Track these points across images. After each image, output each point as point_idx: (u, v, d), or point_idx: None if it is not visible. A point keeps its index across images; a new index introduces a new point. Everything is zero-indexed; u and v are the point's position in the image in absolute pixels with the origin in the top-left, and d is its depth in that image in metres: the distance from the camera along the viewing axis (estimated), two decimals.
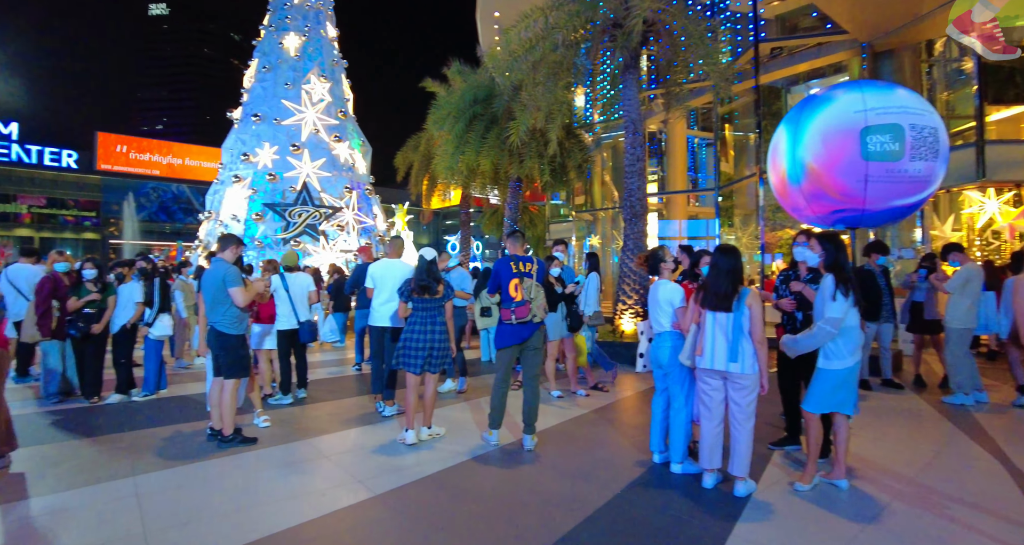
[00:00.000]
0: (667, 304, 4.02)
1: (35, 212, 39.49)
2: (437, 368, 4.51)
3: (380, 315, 5.46)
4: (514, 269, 4.43)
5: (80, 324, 5.87)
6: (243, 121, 15.43)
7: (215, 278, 4.52)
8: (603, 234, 22.98)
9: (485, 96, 12.48)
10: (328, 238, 14.72)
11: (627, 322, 9.26)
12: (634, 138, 9.33)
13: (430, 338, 4.46)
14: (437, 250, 5.16)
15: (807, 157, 8.12)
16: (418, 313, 4.52)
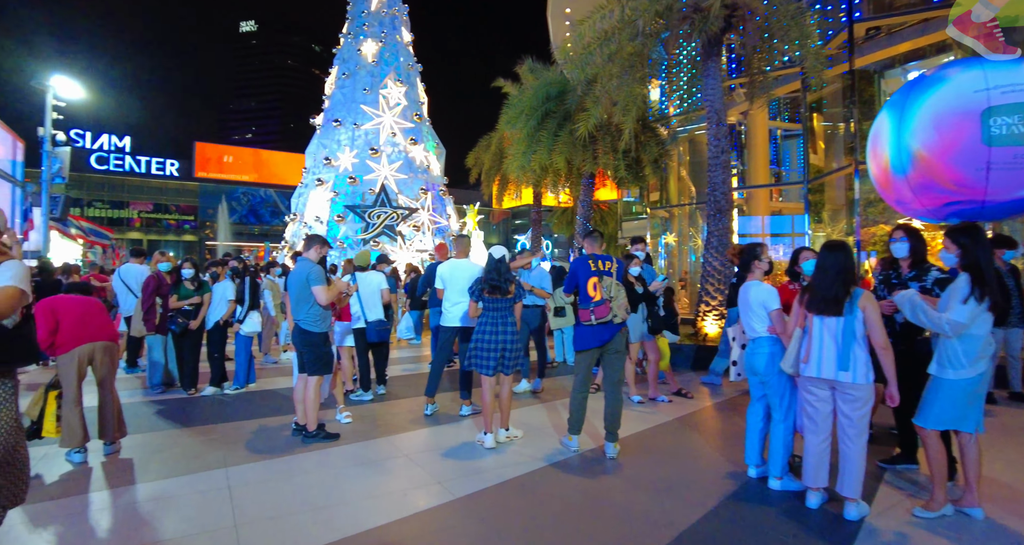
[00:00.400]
0: (760, 307, 3.70)
1: (144, 216, 43.34)
2: (510, 369, 4.40)
3: (449, 315, 5.45)
4: (592, 267, 4.25)
5: (179, 320, 6.25)
6: (324, 126, 16.10)
7: (299, 277, 4.64)
8: (680, 231, 22.18)
9: (558, 93, 12.32)
10: (405, 238, 15.07)
11: (710, 324, 8.79)
12: (717, 129, 8.85)
13: (501, 339, 4.35)
14: (509, 249, 5.07)
15: (915, 144, 7.39)
16: (489, 313, 4.44)
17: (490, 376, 4.37)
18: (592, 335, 4.18)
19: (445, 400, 6.05)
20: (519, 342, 4.43)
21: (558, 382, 7.13)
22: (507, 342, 4.36)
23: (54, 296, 4.24)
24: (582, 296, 4.23)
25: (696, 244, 20.06)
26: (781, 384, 3.63)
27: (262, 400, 6.13)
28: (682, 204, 21.15)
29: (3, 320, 2.26)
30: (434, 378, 5.51)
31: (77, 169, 39.21)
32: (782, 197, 21.02)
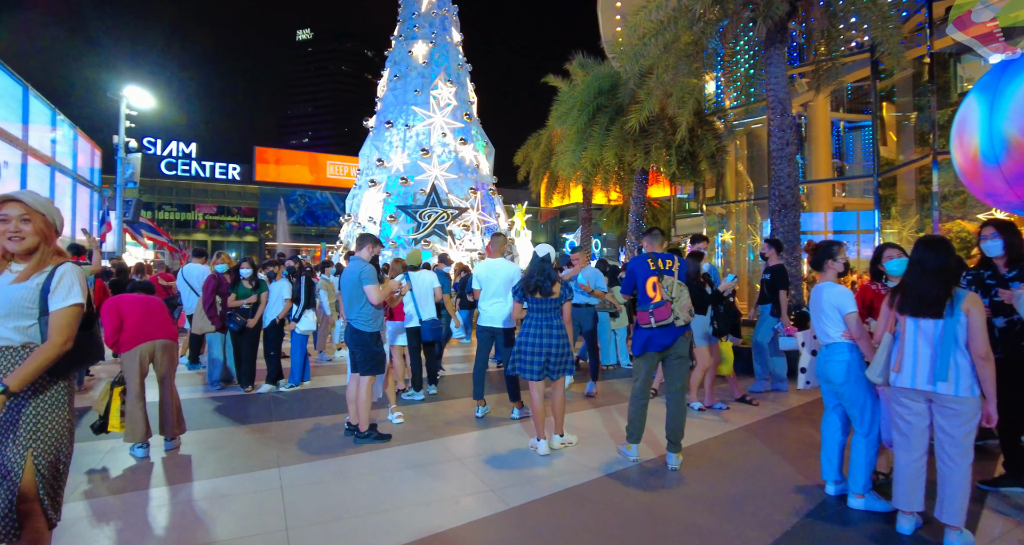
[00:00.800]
0: (834, 310, 3.37)
1: (208, 219, 45.54)
2: (558, 374, 4.21)
3: (485, 316, 5.34)
4: (652, 266, 4.00)
5: (237, 318, 6.38)
6: (377, 128, 16.34)
7: (352, 276, 4.61)
8: (737, 229, 21.36)
9: (610, 87, 12.02)
10: (455, 238, 15.11)
11: None
12: (781, 120, 8.36)
13: (546, 342, 4.15)
14: (557, 248, 4.87)
15: (1012, 130, 6.74)
16: (533, 315, 4.26)
17: (536, 381, 4.20)
18: (652, 339, 3.93)
19: (494, 401, 5.93)
20: (567, 345, 4.22)
21: (612, 386, 6.88)
22: (553, 345, 4.15)
23: (119, 295, 4.36)
24: (641, 297, 3.99)
25: (755, 242, 19.24)
26: (860, 394, 3.30)
27: (316, 398, 6.18)
28: (740, 200, 20.35)
29: (71, 346, 2.23)
30: (478, 381, 5.40)
31: (148, 175, 41.63)
32: (845, 192, 19.87)
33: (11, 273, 2.22)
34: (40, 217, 2.22)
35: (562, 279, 4.31)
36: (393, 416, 5.17)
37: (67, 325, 2.20)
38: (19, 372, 2.06)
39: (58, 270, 2.25)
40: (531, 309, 4.26)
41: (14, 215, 2.17)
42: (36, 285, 2.20)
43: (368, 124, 16.74)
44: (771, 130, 8.51)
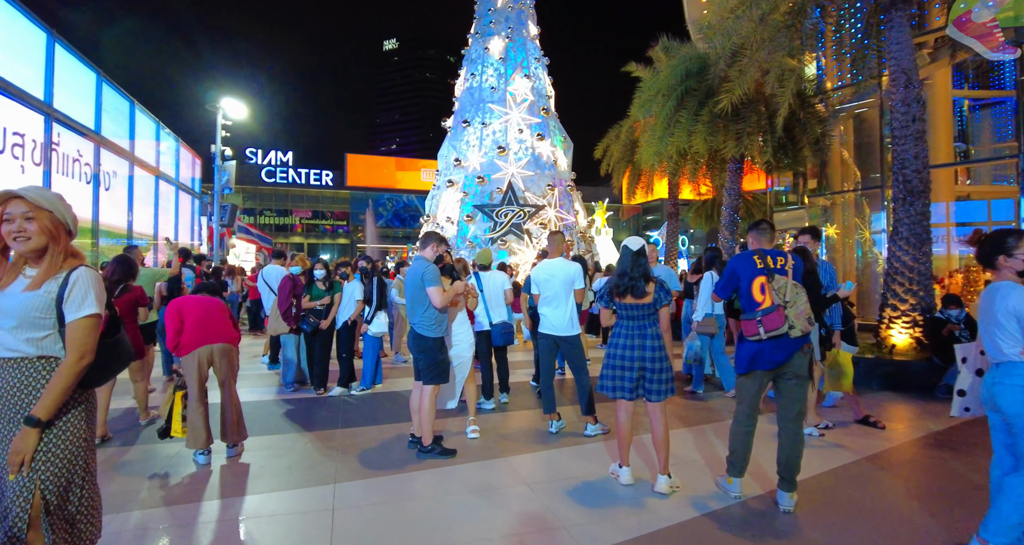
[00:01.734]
0: (1011, 320, 2.54)
1: (304, 223, 48.30)
2: (658, 394, 3.50)
3: (545, 322, 4.81)
4: (759, 264, 3.30)
5: (311, 320, 6.29)
6: (454, 128, 16.27)
7: (414, 277, 4.27)
8: (842, 222, 19.38)
9: (698, 69, 11.06)
10: (532, 237, 14.69)
11: (898, 333, 7.14)
12: (906, 92, 7.15)
13: (640, 355, 3.49)
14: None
15: None
16: (624, 322, 3.61)
17: (627, 400, 3.59)
18: (760, 354, 3.22)
19: (570, 414, 5.40)
20: (665, 359, 3.53)
21: (704, 401, 6.13)
22: (648, 359, 3.48)
23: (182, 297, 4.28)
24: (745, 302, 3.31)
25: (864, 236, 17.35)
26: None
27: (385, 403, 5.94)
28: (847, 190, 18.40)
29: (90, 360, 2.01)
30: (547, 393, 4.87)
31: (251, 182, 44.86)
32: (970, 180, 17.43)
33: (24, 279, 2.01)
34: (46, 215, 1.99)
35: (659, 279, 3.65)
36: (470, 430, 4.77)
37: (82, 340, 1.96)
38: (44, 400, 1.87)
39: (72, 275, 2.01)
40: (621, 315, 3.62)
41: (17, 213, 1.95)
42: (48, 292, 1.97)
43: (446, 125, 16.71)
44: (893, 105, 7.32)
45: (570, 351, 4.79)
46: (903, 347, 7.06)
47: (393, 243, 46.05)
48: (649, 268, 3.58)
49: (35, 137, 7.53)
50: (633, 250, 3.60)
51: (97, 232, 9.26)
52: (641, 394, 3.54)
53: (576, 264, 4.85)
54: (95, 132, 9.31)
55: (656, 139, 11.33)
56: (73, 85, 8.68)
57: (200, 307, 4.14)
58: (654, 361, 3.48)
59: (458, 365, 4.72)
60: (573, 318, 4.77)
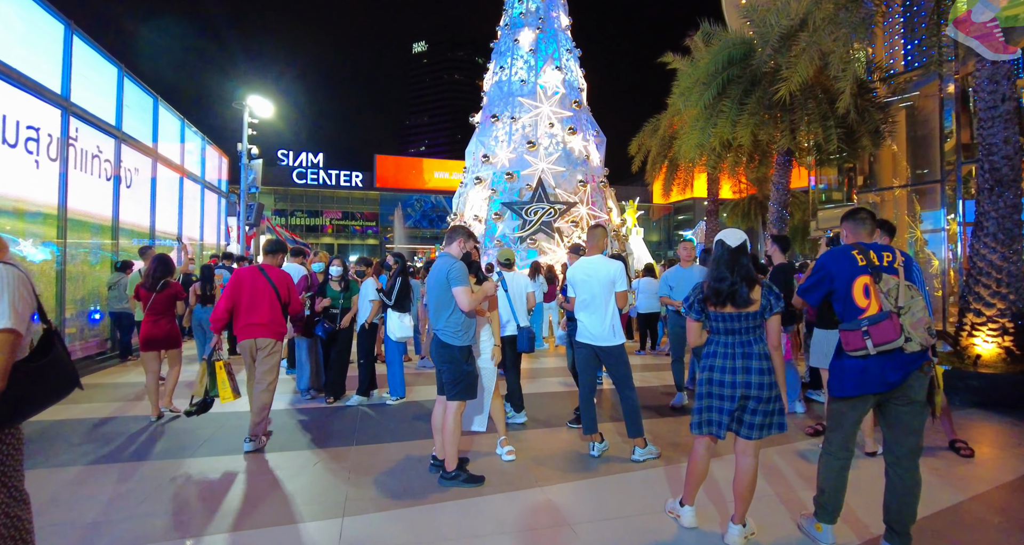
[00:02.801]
0: None
1: (334, 224, 48.61)
2: (760, 431, 2.75)
3: (585, 330, 4.19)
4: (860, 261, 2.64)
5: (326, 324, 5.82)
6: (482, 123, 15.76)
7: (438, 276, 3.71)
8: (895, 219, 18.21)
9: (741, 55, 10.29)
10: (563, 235, 14.07)
11: (984, 342, 6.30)
12: (993, 69, 6.31)
13: (743, 380, 2.73)
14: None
15: None
16: (720, 339, 2.84)
17: (719, 438, 2.85)
18: (867, 373, 2.56)
19: (611, 432, 4.78)
20: (774, 386, 2.74)
21: None
22: (755, 385, 2.71)
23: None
24: (845, 307, 2.66)
25: (916, 235, 16.24)
26: None
27: (407, 416, 5.41)
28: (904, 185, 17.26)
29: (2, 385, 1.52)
30: (586, 410, 4.24)
31: (282, 184, 45.34)
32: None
33: None
34: None
35: (765, 281, 2.87)
36: (503, 450, 4.18)
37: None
38: None
39: None
40: (717, 329, 2.86)
41: None
42: None
43: (474, 120, 16.22)
44: (979, 84, 6.48)
45: (613, 364, 4.17)
46: (990, 358, 6.21)
47: (422, 243, 46.02)
48: (753, 269, 2.84)
49: (51, 131, 7.28)
50: (732, 246, 2.84)
51: (117, 230, 9.02)
52: (733, 429, 2.82)
53: (617, 262, 4.23)
54: (116, 127, 9.07)
55: (698, 130, 10.59)
56: (93, 79, 8.45)
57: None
58: (762, 388, 2.71)
59: (483, 377, 4.16)
60: (615, 325, 4.15)
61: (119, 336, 8.60)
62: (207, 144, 14.10)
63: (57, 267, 7.39)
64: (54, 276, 7.34)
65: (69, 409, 5.49)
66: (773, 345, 2.81)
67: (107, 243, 8.88)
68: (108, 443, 4.46)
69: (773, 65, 9.41)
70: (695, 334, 2.99)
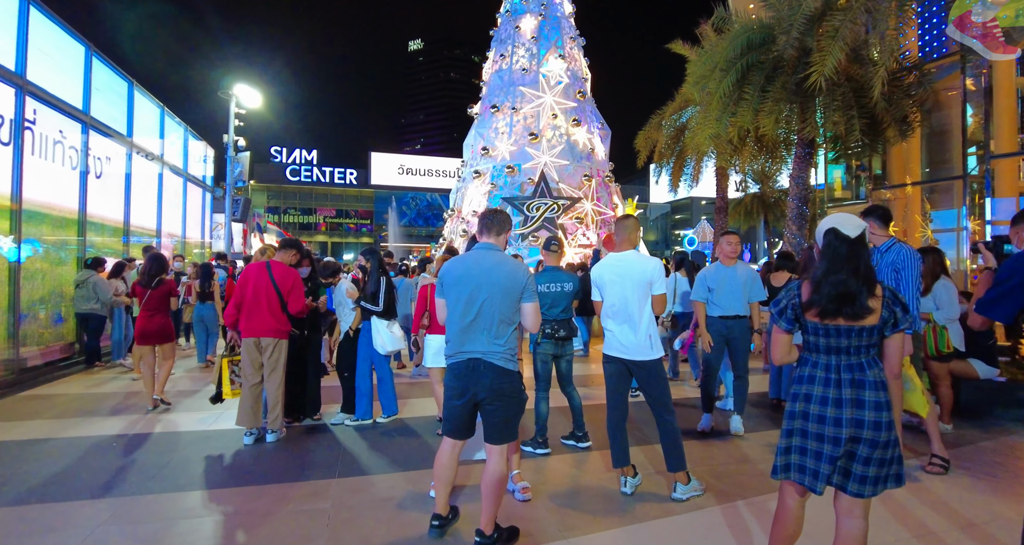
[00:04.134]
0: None
1: (328, 221, 47.74)
2: (875, 487, 2.03)
3: (615, 341, 3.44)
4: None
5: (292, 331, 5.05)
6: (481, 114, 15.03)
7: (501, 279, 2.78)
8: (905, 218, 17.61)
9: (761, 40, 9.59)
10: (567, 232, 13.35)
11: None
12: None
13: (855, 418, 2.01)
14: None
15: None
16: (819, 359, 2.13)
17: (815, 492, 2.10)
18: None
19: (638, 457, 4.06)
20: (891, 426, 2.01)
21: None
22: (867, 424, 1.99)
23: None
24: None
25: (928, 234, 15.66)
26: None
27: (396, 439, 4.68)
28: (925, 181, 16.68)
29: None
30: (615, 440, 3.48)
31: (276, 181, 44.48)
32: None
33: None
34: None
35: (889, 288, 2.12)
36: (517, 487, 3.44)
37: None
38: None
39: None
40: (816, 346, 2.15)
41: None
42: None
43: (473, 112, 15.47)
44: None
45: (650, 382, 3.43)
46: None
47: (416, 242, 45.35)
48: (871, 266, 2.09)
49: (3, 112, 6.52)
50: (851, 237, 2.08)
51: (85, 225, 8.22)
52: (835, 483, 2.10)
53: (655, 260, 3.51)
54: (83, 112, 8.28)
55: (713, 120, 9.88)
56: (55, 57, 7.67)
57: None
58: (878, 429, 1.99)
59: None
60: (653, 335, 3.42)
61: (86, 339, 7.83)
62: (191, 135, 13.30)
63: (11, 263, 6.61)
64: (6, 274, 6.56)
65: (14, 428, 4.74)
66: (894, 372, 2.10)
67: (73, 238, 8.10)
68: (47, 471, 3.71)
69: (798, 49, 8.72)
70: (783, 349, 2.27)
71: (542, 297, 4.25)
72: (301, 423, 5.07)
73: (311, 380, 5.11)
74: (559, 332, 4.31)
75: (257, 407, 4.46)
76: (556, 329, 4.30)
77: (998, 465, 3.96)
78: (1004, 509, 3.20)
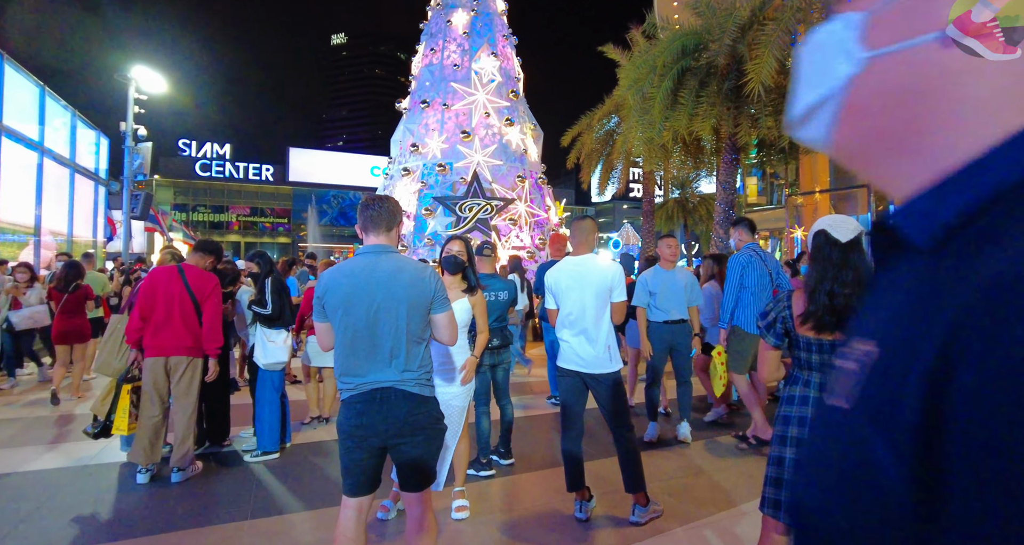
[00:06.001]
0: None
1: (242, 220, 44.86)
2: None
3: (571, 352, 3.16)
4: None
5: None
6: (411, 110, 14.44)
7: (396, 287, 2.24)
8: (811, 225, 18.78)
9: (695, 46, 9.74)
10: (500, 234, 13.05)
11: None
12: None
13: None
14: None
15: None
16: (811, 377, 1.96)
17: None
18: None
19: (594, 474, 3.79)
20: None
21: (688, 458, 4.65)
22: None
23: None
24: None
25: None
26: None
27: (319, 461, 4.15)
28: (828, 189, 17.89)
29: None
30: (570, 463, 3.18)
31: (184, 176, 41.28)
32: None
33: None
34: None
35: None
36: (454, 505, 3.13)
37: None
38: None
39: None
40: (807, 363, 1.97)
41: None
42: None
43: (401, 106, 14.84)
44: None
45: (607, 396, 3.16)
46: None
47: (339, 242, 43.48)
48: (864, 272, 1.86)
49: None
50: (842, 242, 1.90)
51: None
52: None
53: (616, 265, 3.25)
54: None
55: (646, 124, 9.94)
56: None
57: None
58: None
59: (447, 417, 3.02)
60: (612, 346, 3.16)
61: None
62: (80, 121, 11.82)
63: None
64: None
65: None
66: None
67: None
68: None
69: (730, 56, 8.92)
70: (772, 365, 2.04)
71: None
72: (206, 450, 4.41)
73: (219, 400, 4.44)
74: (492, 341, 3.95)
75: (157, 441, 3.75)
76: (489, 339, 3.94)
77: None
78: None
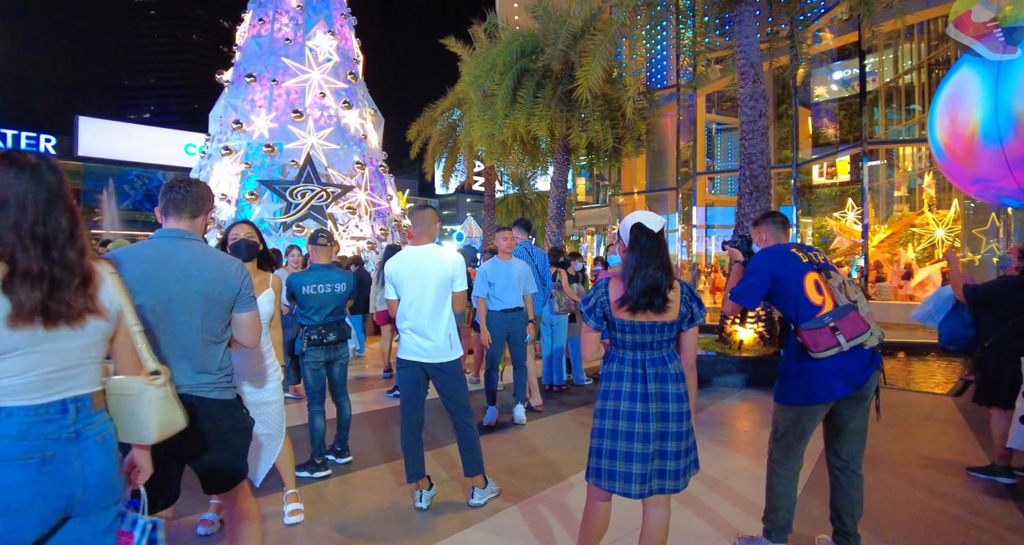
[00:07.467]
0: None
1: None
2: (677, 479, 2.10)
3: (412, 344, 3.16)
4: (803, 258, 2.39)
5: None
6: (234, 83, 13.06)
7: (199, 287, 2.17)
8: None
9: (532, 48, 10.21)
10: (337, 223, 12.42)
11: (744, 329, 7.02)
12: (753, 88, 7.07)
13: (660, 412, 2.08)
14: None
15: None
16: (626, 356, 2.15)
17: (630, 496, 2.06)
18: (837, 375, 2.26)
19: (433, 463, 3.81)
20: (689, 417, 2.12)
21: (577, 416, 5.04)
22: (671, 416, 2.07)
23: None
24: (796, 308, 2.33)
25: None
26: None
27: None
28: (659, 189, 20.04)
29: None
30: (409, 453, 3.16)
31: None
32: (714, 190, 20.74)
33: None
34: None
35: (687, 284, 2.20)
36: (286, 509, 2.91)
37: None
38: None
39: None
40: (622, 343, 2.15)
41: None
42: None
43: (223, 78, 13.32)
44: (742, 99, 7.21)
45: (449, 385, 3.18)
46: (750, 343, 6.98)
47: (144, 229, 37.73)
48: (671, 262, 2.17)
49: None
50: (654, 231, 2.13)
51: None
52: (655, 488, 2.08)
53: (457, 255, 3.27)
54: None
55: (487, 120, 10.19)
56: None
57: None
58: (680, 420, 2.08)
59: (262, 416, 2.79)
60: (452, 335, 3.19)
61: None
62: None
63: None
64: None
65: None
66: (689, 363, 2.21)
67: None
68: None
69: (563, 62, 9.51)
70: (592, 346, 2.22)
71: (308, 300, 3.63)
72: None
73: None
74: (327, 336, 3.69)
75: None
76: (324, 334, 3.67)
77: (723, 425, 4.75)
78: (737, 464, 3.77)
